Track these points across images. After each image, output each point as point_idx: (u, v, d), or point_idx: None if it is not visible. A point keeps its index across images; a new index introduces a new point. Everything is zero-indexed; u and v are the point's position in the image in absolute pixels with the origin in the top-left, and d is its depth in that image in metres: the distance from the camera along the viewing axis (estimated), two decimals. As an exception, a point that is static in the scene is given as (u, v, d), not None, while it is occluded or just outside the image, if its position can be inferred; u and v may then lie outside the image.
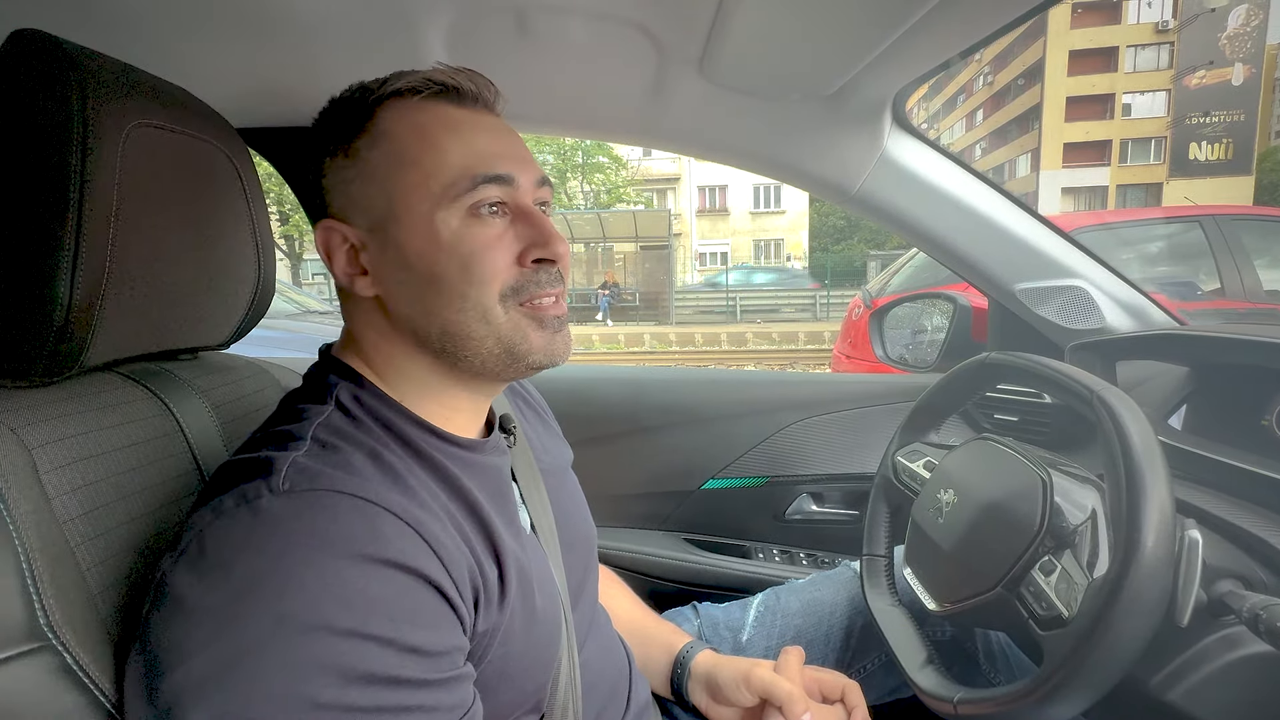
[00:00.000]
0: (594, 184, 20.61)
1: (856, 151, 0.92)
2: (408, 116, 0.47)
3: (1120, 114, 28.15)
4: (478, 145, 0.47)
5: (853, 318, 3.62)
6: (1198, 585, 0.48)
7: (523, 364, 0.49)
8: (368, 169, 0.47)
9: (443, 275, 0.45)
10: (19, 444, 0.40)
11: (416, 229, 0.46)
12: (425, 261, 0.46)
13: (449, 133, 0.47)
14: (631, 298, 17.22)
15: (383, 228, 0.46)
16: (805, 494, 1.22)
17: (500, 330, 0.47)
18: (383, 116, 0.47)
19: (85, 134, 0.41)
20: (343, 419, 0.46)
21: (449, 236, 0.45)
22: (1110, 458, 0.51)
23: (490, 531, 0.47)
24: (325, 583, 0.36)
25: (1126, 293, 0.99)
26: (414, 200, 0.46)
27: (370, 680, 0.36)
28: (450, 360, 0.48)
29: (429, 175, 0.46)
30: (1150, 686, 0.54)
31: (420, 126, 0.47)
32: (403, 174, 0.46)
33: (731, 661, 0.70)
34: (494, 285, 0.46)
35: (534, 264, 0.48)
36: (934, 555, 0.68)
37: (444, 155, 0.46)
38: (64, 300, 0.41)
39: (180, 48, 0.75)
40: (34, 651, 0.36)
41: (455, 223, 0.46)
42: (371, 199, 0.47)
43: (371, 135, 0.47)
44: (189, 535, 0.38)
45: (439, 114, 0.48)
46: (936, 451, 0.81)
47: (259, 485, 0.39)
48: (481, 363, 0.48)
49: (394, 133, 0.47)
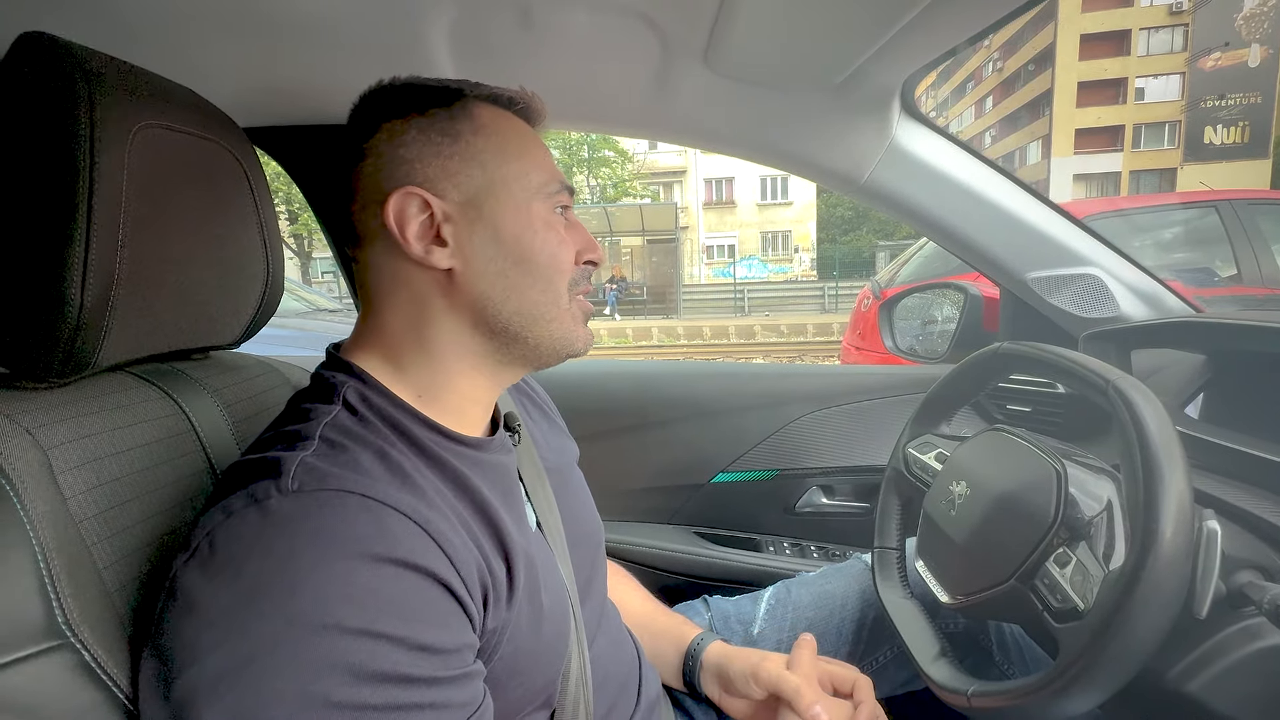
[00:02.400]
0: (600, 178, 20.56)
1: (864, 141, 0.91)
2: (505, 121, 0.53)
3: (1133, 98, 27.68)
4: (550, 159, 0.54)
5: (862, 309, 3.60)
6: (1216, 576, 0.48)
7: (566, 351, 0.53)
8: (470, 150, 0.50)
9: (534, 258, 0.50)
10: (35, 445, 0.40)
11: (516, 211, 0.50)
12: (520, 242, 0.50)
13: (535, 143, 0.54)
14: (639, 292, 17.22)
15: (476, 204, 0.49)
16: (816, 487, 1.22)
17: (565, 315, 0.52)
18: (478, 111, 0.51)
19: (93, 136, 0.41)
20: (350, 418, 0.46)
21: (541, 225, 0.51)
22: (1126, 447, 0.50)
23: (498, 529, 0.47)
24: (335, 582, 0.36)
25: (1141, 280, 0.97)
26: (515, 186, 0.50)
27: (382, 679, 0.36)
28: (507, 340, 0.51)
29: (530, 169, 0.51)
30: (1168, 679, 0.54)
31: (519, 131, 0.53)
32: (507, 162, 0.51)
33: (742, 654, 0.70)
34: (566, 276, 0.52)
35: (585, 264, 0.54)
36: (946, 547, 0.67)
37: (538, 160, 0.53)
38: (76, 302, 0.42)
39: (186, 48, 0.75)
40: (52, 649, 0.37)
41: (545, 214, 0.51)
42: (470, 176, 0.50)
43: (473, 122, 0.51)
44: (199, 536, 0.39)
45: (523, 127, 0.54)
46: (948, 443, 0.80)
47: (268, 485, 0.39)
48: (538, 344, 0.52)
49: (496, 128, 0.51)
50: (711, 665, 0.72)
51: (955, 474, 0.70)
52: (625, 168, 20.88)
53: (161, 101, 0.48)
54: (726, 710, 0.71)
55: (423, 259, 0.49)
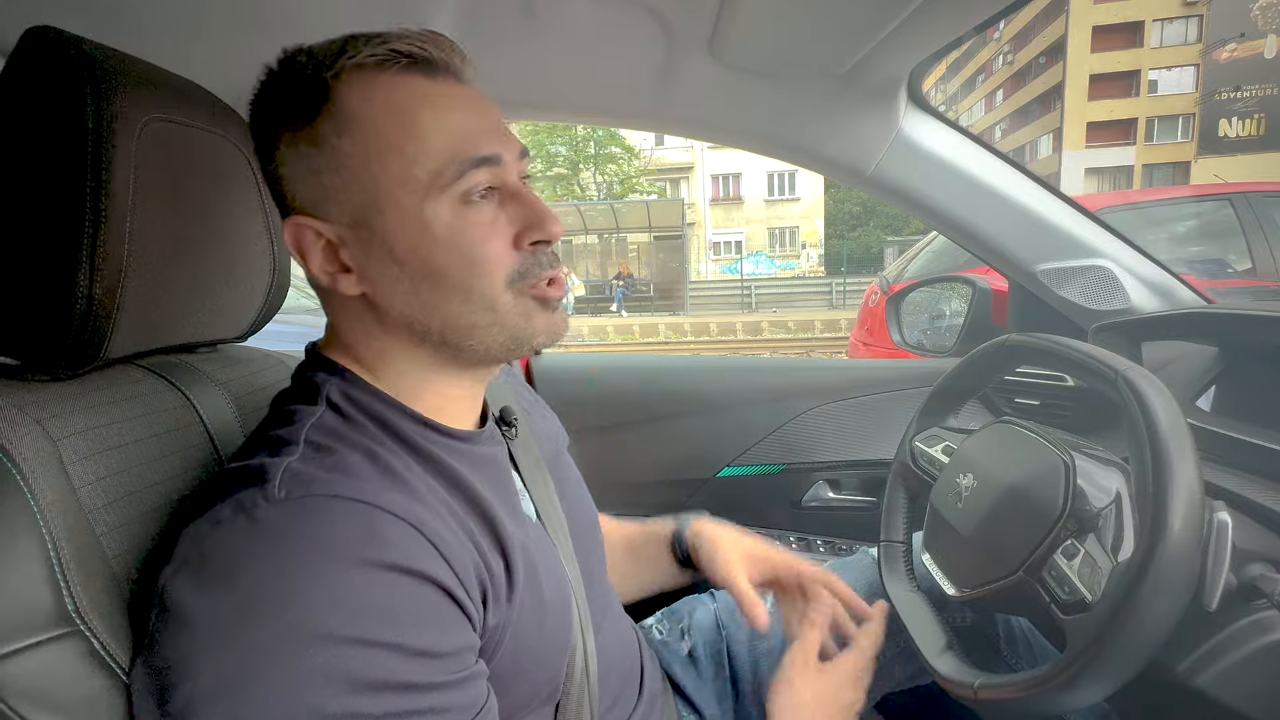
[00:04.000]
0: (607, 175, 20.57)
1: (871, 132, 0.90)
2: (378, 95, 0.42)
3: (1146, 91, 27.30)
4: (458, 123, 0.43)
5: (869, 304, 3.58)
6: (1227, 569, 0.47)
7: (527, 346, 0.47)
8: (339, 158, 0.42)
9: (442, 270, 0.43)
10: (45, 435, 0.41)
11: (406, 222, 0.42)
12: (420, 257, 0.43)
13: (427, 112, 0.42)
14: (646, 288, 17.21)
15: (365, 223, 0.43)
16: (822, 481, 1.22)
17: (507, 317, 0.45)
18: (345, 96, 0.42)
19: (100, 130, 0.42)
20: (335, 419, 0.44)
21: (442, 230, 0.42)
22: (1136, 439, 0.50)
23: (494, 524, 0.46)
24: (329, 591, 0.35)
25: (1152, 271, 0.96)
26: (399, 192, 0.42)
27: (379, 687, 0.35)
28: (452, 351, 0.47)
29: (412, 163, 0.42)
30: (1177, 672, 0.53)
31: (394, 107, 0.42)
32: (382, 163, 0.42)
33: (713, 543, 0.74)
34: (498, 274, 0.44)
35: (532, 246, 0.45)
36: (953, 541, 0.67)
37: (426, 140, 0.42)
38: (84, 294, 0.42)
39: (192, 42, 0.76)
40: (62, 637, 0.37)
41: (447, 213, 0.42)
42: (348, 192, 0.42)
43: (337, 119, 0.42)
44: (187, 546, 0.38)
45: (412, 90, 0.43)
46: (955, 436, 0.80)
47: (254, 494, 0.38)
48: (486, 349, 0.46)
49: (364, 115, 0.42)
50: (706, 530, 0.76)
51: (962, 467, 0.70)
52: (632, 164, 20.88)
53: (169, 95, 0.48)
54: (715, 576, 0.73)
55: (331, 288, 0.45)
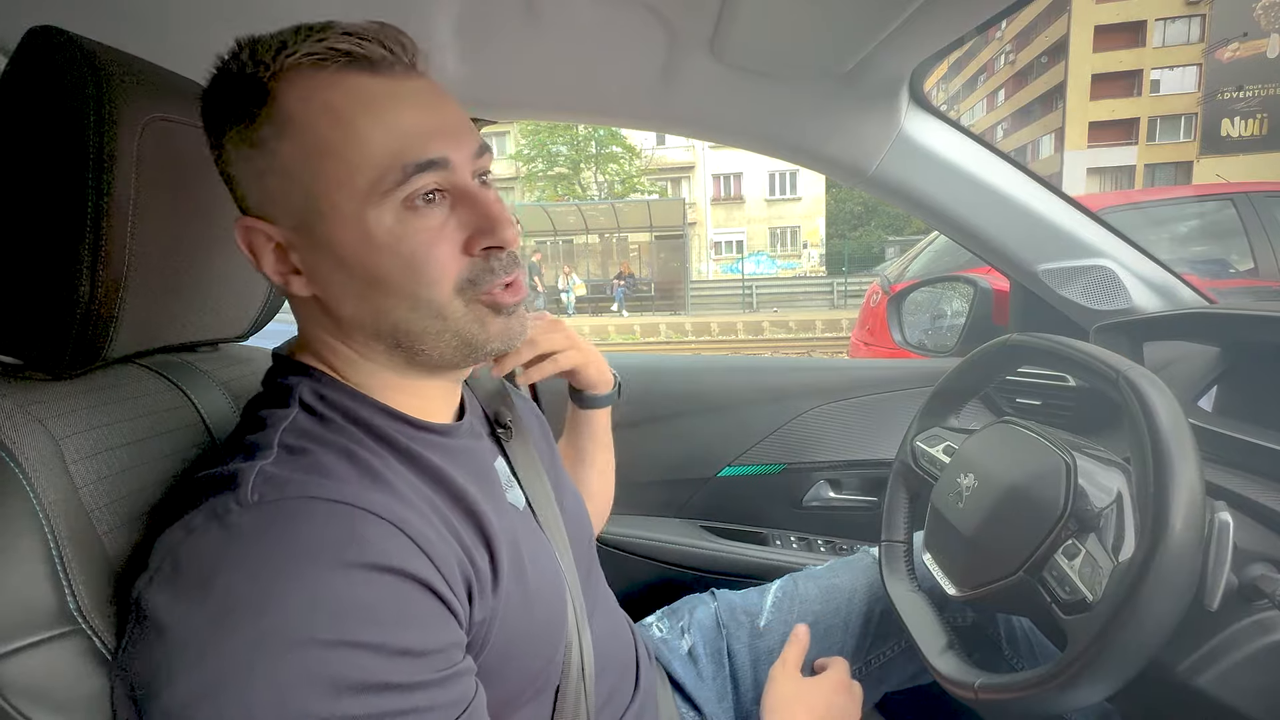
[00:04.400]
0: (608, 174, 20.55)
1: (873, 131, 0.90)
2: (316, 96, 0.40)
3: (1148, 90, 27.23)
4: (403, 124, 0.41)
5: (871, 304, 3.57)
6: (1228, 569, 0.47)
7: (481, 352, 0.47)
8: (279, 162, 0.41)
9: (386, 277, 0.42)
10: (47, 435, 0.41)
11: (347, 229, 0.41)
12: (363, 263, 0.42)
13: (368, 113, 0.40)
14: (647, 288, 17.20)
15: (307, 227, 0.42)
16: (823, 480, 1.22)
17: (458, 324, 0.44)
18: (284, 96, 0.40)
19: (102, 129, 0.42)
20: (309, 420, 0.44)
21: (385, 236, 0.41)
22: (1137, 439, 0.50)
23: (477, 516, 0.46)
24: (307, 594, 0.35)
25: (1154, 271, 0.96)
26: (338, 198, 0.40)
27: (362, 688, 0.35)
28: (405, 354, 0.46)
29: (353, 169, 0.40)
30: (1178, 672, 0.53)
31: (332, 109, 0.40)
32: (321, 168, 0.40)
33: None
34: (445, 282, 0.43)
35: (484, 252, 0.44)
36: (954, 540, 0.67)
37: (366, 144, 0.40)
38: (86, 293, 0.42)
39: (193, 42, 0.75)
40: (64, 635, 0.37)
41: (389, 219, 0.41)
42: (289, 195, 0.41)
43: (276, 121, 0.40)
44: (161, 554, 0.37)
45: (352, 89, 0.41)
46: (956, 436, 0.80)
47: (227, 499, 0.37)
48: (440, 355, 0.46)
49: (302, 118, 0.40)
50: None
51: (963, 466, 0.70)
52: (633, 164, 20.86)
53: (170, 95, 0.48)
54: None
55: (286, 289, 0.45)
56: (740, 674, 0.79)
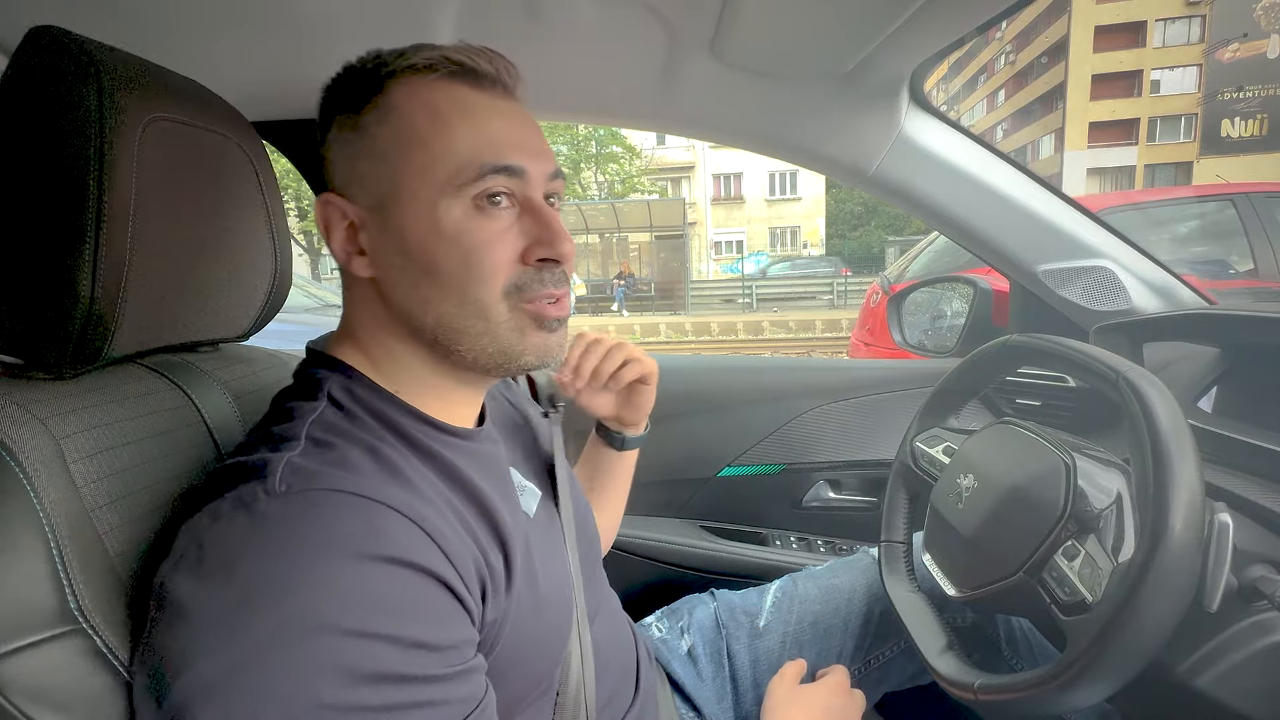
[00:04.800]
0: (608, 174, 20.55)
1: (873, 132, 0.90)
2: (420, 95, 0.45)
3: (1148, 91, 27.24)
4: (490, 132, 0.45)
5: (871, 304, 3.58)
6: (1228, 570, 0.47)
7: (515, 364, 0.48)
8: (374, 145, 0.45)
9: (442, 267, 0.44)
10: (47, 434, 0.41)
11: (419, 215, 0.44)
12: (425, 250, 0.44)
13: (461, 116, 0.45)
14: (647, 288, 17.20)
15: (383, 209, 0.45)
16: (823, 481, 1.22)
17: (498, 329, 0.46)
18: (394, 92, 0.45)
19: (103, 129, 0.42)
20: (336, 414, 0.45)
21: (451, 227, 0.44)
22: (1137, 440, 0.50)
23: (494, 518, 0.47)
24: (328, 584, 0.35)
25: (1153, 272, 0.96)
26: (418, 184, 0.44)
27: (378, 679, 0.35)
28: (443, 352, 0.47)
29: (436, 159, 0.44)
30: (1177, 673, 0.53)
31: (432, 106, 0.45)
32: (409, 155, 0.44)
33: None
34: (495, 282, 0.45)
35: (538, 263, 0.46)
36: (954, 541, 0.67)
37: (454, 140, 0.44)
38: (87, 293, 0.42)
39: (193, 42, 0.76)
40: (65, 635, 0.37)
41: (459, 213, 0.44)
42: (375, 177, 0.45)
43: (380, 110, 0.45)
44: (186, 541, 0.38)
45: (454, 95, 0.45)
46: (956, 437, 0.80)
47: (255, 488, 0.38)
48: (474, 359, 0.47)
49: (404, 110, 0.45)
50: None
51: (963, 467, 0.70)
52: (633, 163, 20.85)
53: (171, 95, 0.48)
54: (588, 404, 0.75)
55: (347, 267, 0.47)
56: (740, 674, 0.79)
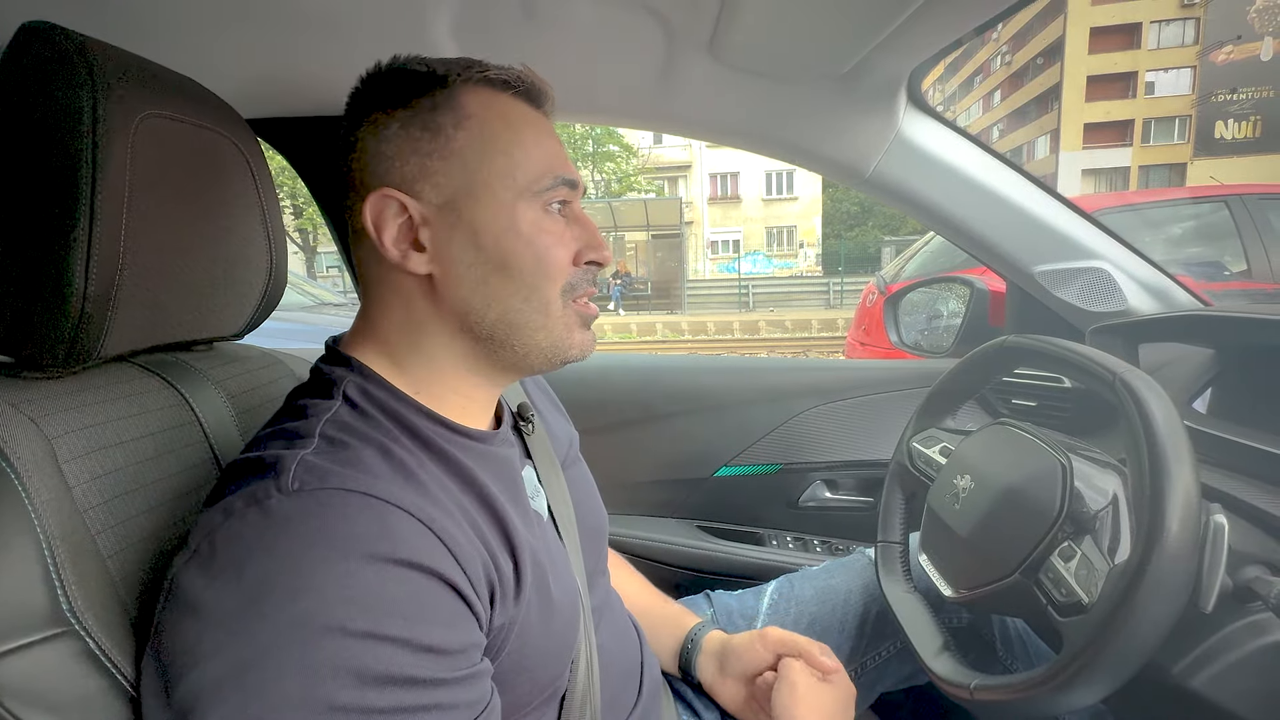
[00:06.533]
0: (605, 173, 20.52)
1: (870, 132, 0.90)
2: (495, 105, 0.48)
3: (1143, 92, 27.36)
4: (552, 148, 0.50)
5: (867, 304, 3.58)
6: (1223, 571, 0.47)
7: (560, 358, 0.51)
8: (451, 146, 0.47)
9: (518, 264, 0.47)
10: (39, 434, 0.40)
11: (498, 214, 0.47)
12: (500, 247, 0.47)
13: (532, 131, 0.49)
14: (643, 287, 17.20)
15: (456, 207, 0.47)
16: (819, 481, 1.22)
17: (555, 324, 0.49)
18: (466, 98, 0.48)
19: (96, 125, 0.41)
20: (351, 414, 0.45)
21: (527, 228, 0.47)
22: (1133, 441, 0.50)
23: (505, 524, 0.47)
24: (339, 584, 0.35)
25: (1149, 273, 0.96)
26: (498, 186, 0.47)
27: (387, 681, 0.35)
28: (494, 347, 0.49)
29: (516, 166, 0.47)
30: (1173, 673, 0.53)
31: (508, 118, 0.48)
32: (491, 159, 0.47)
33: (743, 634, 0.72)
34: (558, 280, 0.49)
35: (587, 265, 0.51)
36: (950, 542, 0.67)
37: (529, 151, 0.48)
38: (80, 291, 0.42)
39: (188, 38, 0.75)
40: (57, 636, 0.37)
41: (533, 214, 0.48)
42: (449, 176, 0.47)
43: (456, 113, 0.47)
44: (199, 536, 0.38)
45: (520, 109, 0.50)
46: (953, 437, 0.80)
47: (268, 485, 0.38)
48: (526, 352, 0.49)
49: (482, 118, 0.48)
50: (712, 649, 0.73)
51: (960, 468, 0.70)
52: (630, 162, 20.84)
53: (165, 92, 0.48)
54: (717, 696, 0.72)
55: (400, 264, 0.47)
56: (737, 675, 0.79)
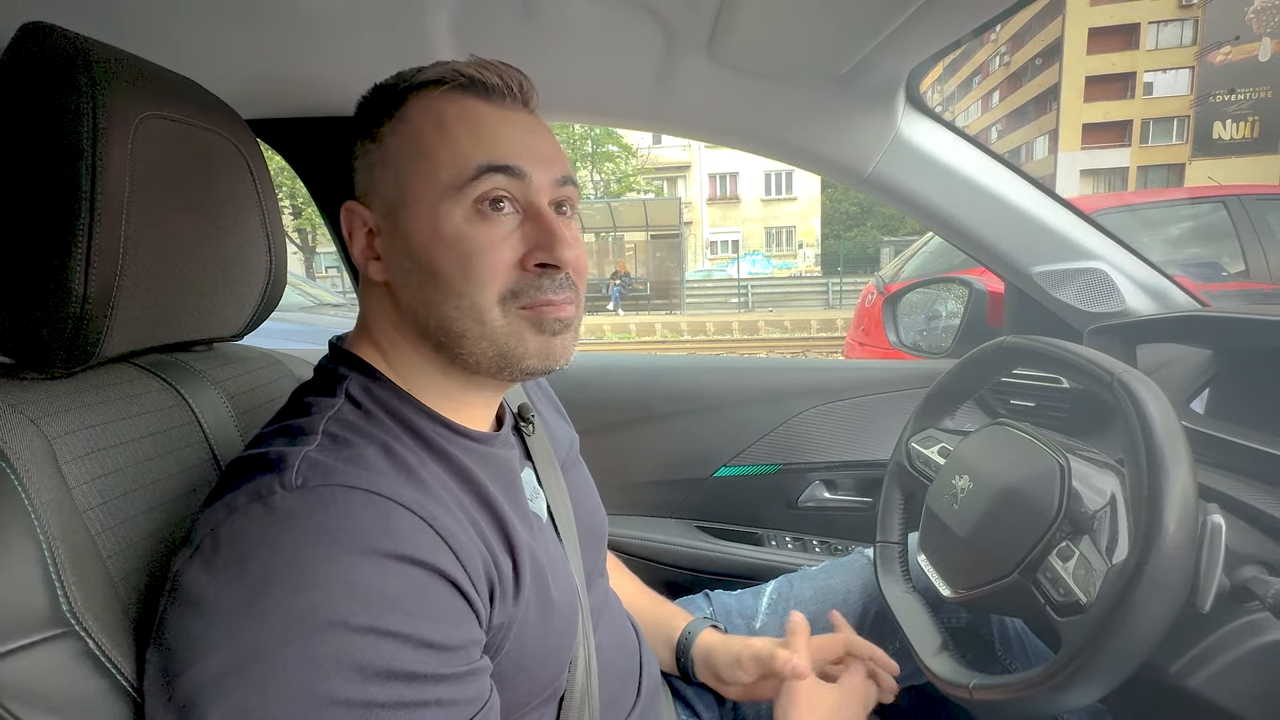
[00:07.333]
0: (604, 173, 20.53)
1: (869, 133, 0.90)
2: (432, 106, 0.47)
3: (1141, 93, 27.41)
4: (494, 138, 0.46)
5: (866, 304, 3.59)
6: (1220, 571, 0.47)
7: (517, 368, 0.48)
8: (387, 154, 0.47)
9: (441, 270, 0.45)
10: (39, 434, 0.40)
11: (422, 219, 0.45)
12: (426, 254, 0.45)
13: (465, 124, 0.46)
14: (643, 287, 17.21)
15: (394, 215, 0.47)
16: (818, 481, 1.22)
17: (496, 333, 0.46)
18: (410, 105, 0.47)
19: (96, 126, 0.41)
20: (353, 412, 0.45)
21: (450, 231, 0.45)
22: (1131, 441, 0.50)
23: (504, 524, 0.47)
24: (341, 579, 0.36)
25: (1147, 274, 0.96)
26: (422, 190, 0.45)
27: (388, 676, 0.36)
28: (448, 355, 0.48)
29: (439, 165, 0.45)
30: (1170, 673, 0.53)
31: (440, 116, 0.46)
32: (415, 162, 0.46)
33: (725, 644, 0.72)
34: (491, 288, 0.45)
35: (537, 268, 0.46)
36: (949, 542, 0.67)
37: (456, 146, 0.45)
38: (79, 292, 0.42)
39: (187, 39, 0.75)
40: (57, 637, 0.37)
41: (459, 217, 0.45)
42: (387, 184, 0.47)
43: (395, 122, 0.47)
44: (202, 532, 0.38)
45: (462, 107, 0.47)
46: (951, 437, 0.80)
47: (271, 481, 0.38)
48: (476, 362, 0.47)
49: (415, 121, 0.47)
50: (700, 658, 0.73)
51: (958, 468, 0.70)
52: (629, 163, 20.84)
53: (164, 92, 0.48)
54: (723, 694, 0.72)
55: (365, 272, 0.49)
56: (736, 676, 0.79)
